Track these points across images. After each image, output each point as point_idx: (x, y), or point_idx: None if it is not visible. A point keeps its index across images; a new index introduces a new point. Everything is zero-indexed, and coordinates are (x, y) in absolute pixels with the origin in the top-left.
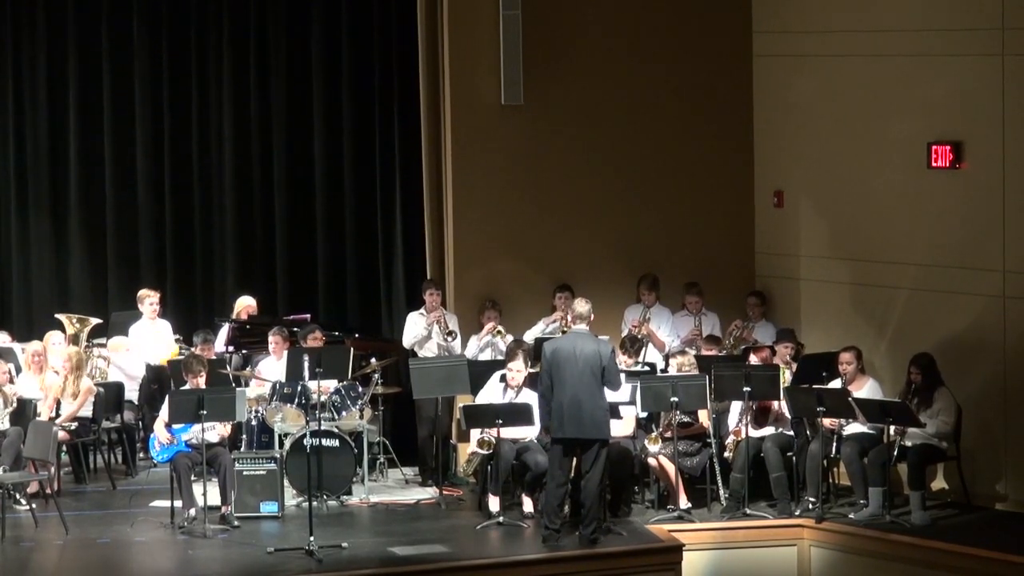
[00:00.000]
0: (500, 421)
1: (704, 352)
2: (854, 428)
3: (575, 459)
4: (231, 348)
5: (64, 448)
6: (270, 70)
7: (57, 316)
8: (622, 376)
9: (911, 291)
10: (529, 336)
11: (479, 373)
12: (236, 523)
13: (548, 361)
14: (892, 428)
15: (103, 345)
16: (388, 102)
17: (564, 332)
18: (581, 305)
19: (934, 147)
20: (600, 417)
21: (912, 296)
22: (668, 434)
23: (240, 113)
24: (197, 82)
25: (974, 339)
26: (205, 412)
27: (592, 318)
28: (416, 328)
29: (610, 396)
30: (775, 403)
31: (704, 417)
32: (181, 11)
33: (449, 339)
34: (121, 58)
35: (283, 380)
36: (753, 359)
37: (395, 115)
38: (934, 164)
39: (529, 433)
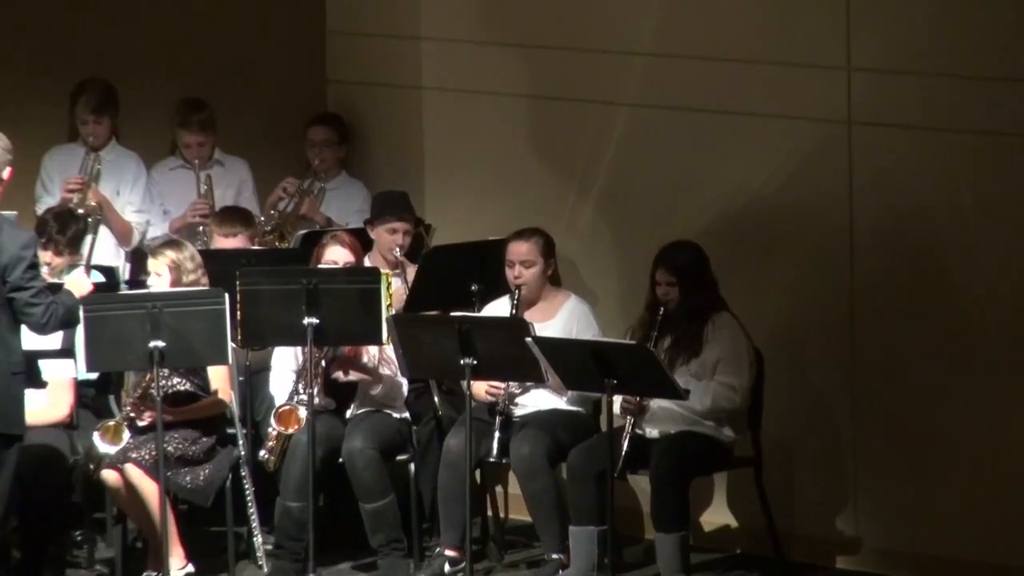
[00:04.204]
0: None
1: None
2: (540, 402)
3: None
4: None
5: None
6: None
7: None
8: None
9: (629, 107)
10: None
11: None
12: None
13: None
14: (618, 401)
15: None
16: None
17: None
18: None
19: None
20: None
21: (632, 113)
22: None
23: None
24: None
25: (793, 212)
26: None
27: None
28: None
29: None
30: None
31: None
32: None
33: None
34: None
35: None
36: None
37: None
38: None
39: None
